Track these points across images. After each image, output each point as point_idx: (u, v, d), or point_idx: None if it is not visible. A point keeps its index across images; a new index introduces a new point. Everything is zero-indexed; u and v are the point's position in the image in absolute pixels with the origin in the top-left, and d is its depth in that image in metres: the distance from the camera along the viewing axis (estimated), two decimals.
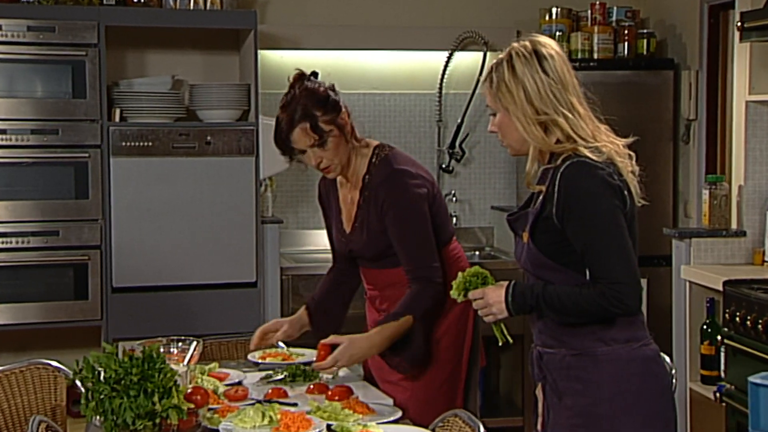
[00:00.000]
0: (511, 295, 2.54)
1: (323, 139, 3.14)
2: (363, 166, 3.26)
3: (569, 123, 2.50)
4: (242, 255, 4.87)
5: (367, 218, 3.24)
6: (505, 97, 2.53)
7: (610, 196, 2.44)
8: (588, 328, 2.51)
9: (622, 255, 2.43)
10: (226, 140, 4.83)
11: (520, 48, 2.55)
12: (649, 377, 2.51)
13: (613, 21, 5.46)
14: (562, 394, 2.56)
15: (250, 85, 4.95)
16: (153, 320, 4.78)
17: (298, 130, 3.14)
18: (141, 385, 2.55)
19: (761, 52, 4.30)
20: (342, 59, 5.60)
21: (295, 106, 3.16)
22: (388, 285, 3.30)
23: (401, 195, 3.17)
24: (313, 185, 5.50)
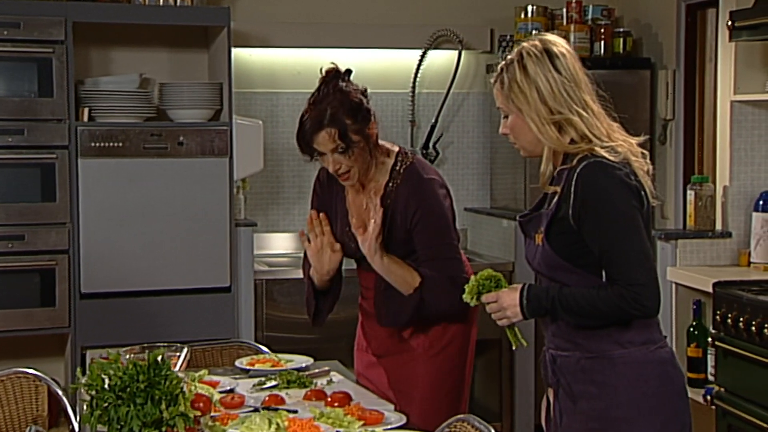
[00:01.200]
0: (526, 297, 2.58)
1: (349, 149, 3.12)
2: (384, 173, 3.25)
3: (584, 121, 2.55)
4: (216, 259, 4.87)
5: (387, 227, 3.21)
6: (518, 97, 2.58)
7: (628, 196, 2.50)
8: (604, 330, 2.55)
9: (641, 256, 2.48)
10: (199, 141, 4.82)
11: (531, 47, 2.59)
12: (666, 380, 2.56)
13: (589, 19, 5.55)
14: (577, 397, 2.61)
15: (222, 84, 4.95)
16: (123, 327, 4.75)
17: (324, 134, 3.12)
18: (148, 393, 2.55)
19: (746, 51, 4.41)
20: (313, 58, 5.60)
21: (325, 107, 3.13)
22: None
23: (433, 207, 3.19)
24: (283, 187, 5.58)
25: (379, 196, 3.26)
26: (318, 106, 3.14)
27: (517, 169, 5.44)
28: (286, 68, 5.60)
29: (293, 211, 5.63)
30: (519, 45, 2.66)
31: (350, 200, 3.35)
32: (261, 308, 5.03)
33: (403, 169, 3.24)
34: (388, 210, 3.23)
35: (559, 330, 2.63)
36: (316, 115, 3.13)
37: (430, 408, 3.28)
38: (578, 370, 2.60)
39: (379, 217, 3.13)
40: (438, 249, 3.20)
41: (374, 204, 3.18)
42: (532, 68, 2.57)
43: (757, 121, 4.54)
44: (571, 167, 2.55)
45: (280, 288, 5.07)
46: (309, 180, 5.58)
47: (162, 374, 2.59)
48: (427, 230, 3.19)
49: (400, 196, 3.21)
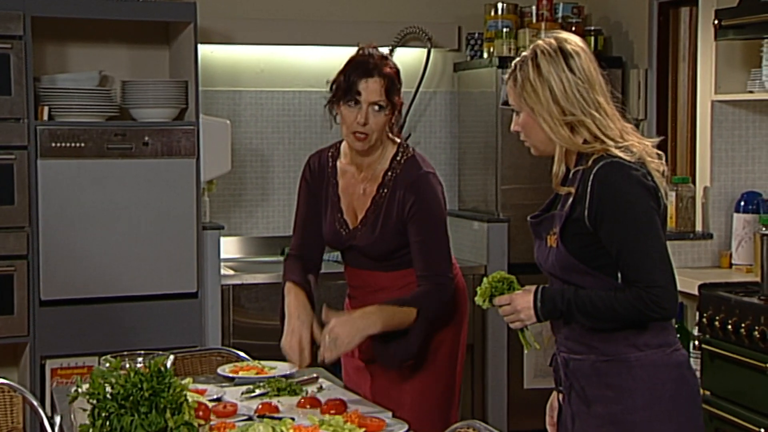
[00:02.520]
0: (540, 300, 2.62)
1: (386, 106, 3.23)
2: (384, 161, 3.33)
3: (596, 123, 2.60)
4: (182, 264, 4.85)
5: (383, 215, 3.30)
6: (530, 96, 2.62)
7: (645, 197, 2.55)
8: (620, 333, 2.60)
9: (660, 258, 2.53)
10: (164, 141, 4.80)
11: (545, 45, 2.64)
12: (682, 383, 2.62)
13: (559, 17, 5.63)
14: (591, 401, 2.66)
15: (188, 81, 4.94)
16: (86, 335, 4.72)
17: (376, 80, 3.23)
18: (152, 401, 2.56)
19: (726, 51, 4.52)
20: (276, 55, 5.63)
21: (376, 61, 3.26)
22: (380, 289, 3.36)
23: (430, 201, 3.26)
24: (246, 189, 5.59)
25: (376, 184, 3.32)
26: (367, 59, 3.27)
27: (487, 170, 5.50)
28: (249, 66, 5.60)
29: (256, 214, 5.63)
30: (536, 40, 2.70)
31: (342, 187, 3.40)
32: (228, 314, 5.03)
33: (403, 160, 3.32)
34: (384, 199, 3.30)
35: (572, 333, 2.68)
36: (366, 63, 3.26)
37: (421, 413, 3.31)
38: (593, 373, 2.65)
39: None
40: (431, 243, 3.26)
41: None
42: (546, 67, 2.61)
43: (738, 121, 4.64)
44: (586, 168, 2.60)
45: (248, 293, 5.07)
46: (272, 182, 5.67)
47: (165, 382, 2.60)
48: (423, 221, 3.25)
49: (398, 186, 3.28)
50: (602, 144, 2.60)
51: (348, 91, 3.26)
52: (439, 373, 3.37)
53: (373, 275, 3.38)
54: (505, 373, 5.37)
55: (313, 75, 5.66)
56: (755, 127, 4.66)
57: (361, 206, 3.36)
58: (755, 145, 4.66)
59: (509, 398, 5.41)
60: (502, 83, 5.35)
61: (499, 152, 5.41)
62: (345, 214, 3.38)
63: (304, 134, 5.68)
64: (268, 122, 5.63)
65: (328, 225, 3.42)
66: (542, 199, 5.31)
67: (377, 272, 3.36)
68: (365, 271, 3.38)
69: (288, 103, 5.65)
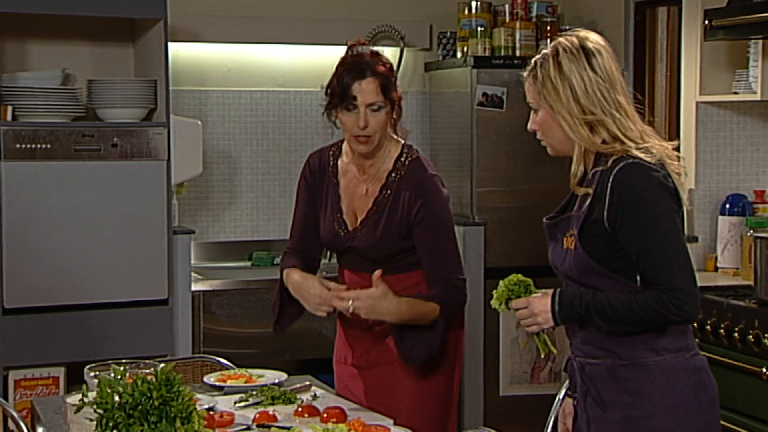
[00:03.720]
0: (558, 303, 2.65)
1: (384, 105, 3.24)
2: (388, 161, 3.35)
3: (617, 123, 2.64)
4: (152, 270, 4.82)
5: (385, 217, 3.31)
6: (551, 94, 2.66)
7: (666, 199, 2.59)
8: (639, 337, 2.64)
9: (681, 260, 2.57)
10: (134, 142, 4.77)
11: (567, 43, 2.68)
12: (700, 388, 2.66)
13: (533, 16, 5.69)
14: (608, 406, 2.69)
15: (157, 81, 4.91)
16: (51, 344, 4.66)
17: (370, 81, 3.22)
18: (162, 410, 2.55)
19: (711, 52, 4.60)
20: (243, 54, 5.62)
21: (367, 60, 3.26)
22: None
23: (438, 204, 3.29)
24: (213, 192, 5.57)
25: (379, 184, 3.35)
26: (359, 60, 3.26)
27: (462, 172, 5.53)
28: (216, 65, 5.58)
29: (223, 218, 5.62)
30: (557, 38, 2.74)
31: (343, 186, 3.42)
32: (198, 322, 5.01)
33: (408, 161, 3.35)
34: (387, 200, 3.32)
35: (589, 337, 2.71)
36: (358, 64, 3.24)
37: (419, 422, 3.33)
38: (610, 377, 2.68)
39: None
40: (441, 247, 3.29)
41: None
42: (567, 65, 2.65)
43: (723, 123, 4.73)
44: (605, 169, 2.63)
45: (219, 300, 5.06)
46: (240, 185, 5.65)
47: (175, 390, 2.59)
48: (431, 226, 3.28)
49: (402, 188, 3.31)
50: (622, 145, 2.64)
51: (343, 96, 3.26)
52: (438, 381, 3.39)
53: (370, 278, 3.38)
54: (482, 379, 5.42)
55: (283, 74, 5.67)
56: (739, 128, 4.75)
57: (362, 207, 3.38)
58: (739, 147, 4.75)
59: (485, 405, 5.46)
60: (477, 83, 5.40)
61: (475, 154, 5.45)
62: (345, 214, 3.40)
63: (273, 135, 5.68)
64: (236, 123, 5.62)
65: (327, 225, 3.43)
66: (519, 202, 5.49)
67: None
68: (363, 274, 3.38)
69: (256, 104, 5.65)
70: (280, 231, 5.68)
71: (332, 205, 3.42)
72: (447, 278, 3.29)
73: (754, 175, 4.79)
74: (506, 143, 5.48)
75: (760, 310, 3.95)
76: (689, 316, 2.59)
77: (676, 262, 2.58)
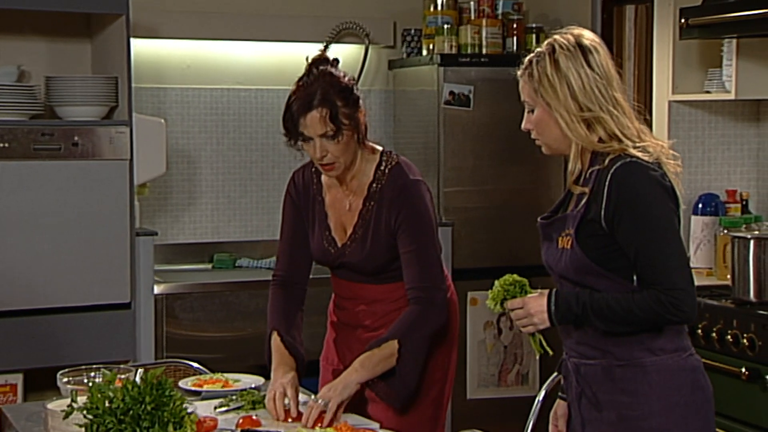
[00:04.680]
0: (554, 303, 2.69)
1: (338, 132, 3.20)
2: (368, 172, 3.35)
3: (614, 121, 2.69)
4: (114, 272, 4.79)
5: (372, 229, 3.32)
6: (548, 92, 2.70)
7: (664, 198, 2.64)
8: (635, 337, 2.69)
9: (679, 260, 2.62)
10: (96, 141, 4.75)
11: (563, 41, 2.72)
12: (697, 388, 2.72)
13: (499, 14, 5.75)
14: (603, 407, 2.74)
15: (118, 78, 4.89)
16: (9, 351, 4.61)
17: (315, 114, 3.18)
18: (154, 415, 2.56)
19: (684, 50, 4.68)
20: (203, 50, 5.62)
21: (315, 89, 3.20)
22: (373, 301, 3.39)
23: (419, 209, 3.28)
24: (171, 193, 5.56)
25: (362, 197, 3.35)
26: (307, 88, 3.21)
27: (428, 172, 5.57)
28: (175, 62, 5.57)
29: (183, 219, 5.61)
30: (552, 36, 2.78)
31: (329, 203, 3.42)
32: (161, 326, 5.01)
33: (388, 169, 3.35)
34: (371, 213, 3.32)
35: (585, 337, 2.75)
36: (305, 95, 3.20)
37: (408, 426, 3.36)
38: (606, 378, 2.73)
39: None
40: (420, 253, 3.27)
41: None
42: (564, 62, 2.69)
43: (695, 122, 4.81)
44: (602, 167, 2.68)
45: (182, 303, 5.05)
46: (200, 185, 5.65)
47: (167, 395, 2.61)
48: (412, 232, 3.27)
49: (385, 197, 3.31)
50: (620, 143, 2.69)
51: (293, 132, 3.25)
52: (430, 382, 3.41)
53: (366, 288, 3.39)
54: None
55: (244, 72, 5.68)
56: (711, 128, 4.84)
57: (349, 222, 3.38)
58: (711, 146, 4.84)
59: (452, 409, 5.50)
60: (444, 81, 5.45)
61: (441, 154, 5.50)
62: (333, 231, 3.40)
63: (234, 134, 5.69)
64: (195, 121, 5.61)
65: (316, 243, 3.43)
66: (486, 202, 5.55)
67: (370, 285, 3.38)
68: (357, 284, 3.40)
69: (216, 102, 5.65)
70: (241, 232, 5.69)
71: (320, 223, 3.42)
72: (424, 288, 3.27)
73: (726, 175, 4.89)
74: (473, 142, 5.54)
75: (737, 309, 4.03)
76: (687, 316, 2.64)
77: (674, 262, 2.63)
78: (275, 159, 5.74)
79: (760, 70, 4.45)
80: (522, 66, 2.81)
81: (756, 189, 4.89)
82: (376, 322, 3.38)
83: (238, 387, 3.51)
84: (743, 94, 4.45)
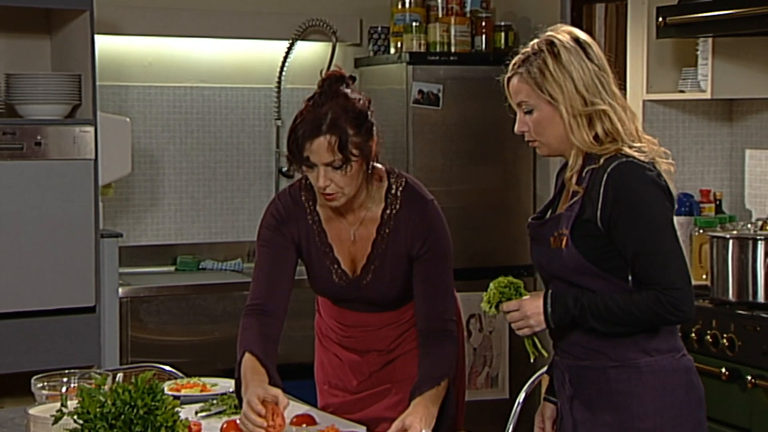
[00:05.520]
0: (551, 305, 2.72)
1: (346, 163, 2.99)
2: (379, 200, 3.20)
3: (616, 114, 2.73)
4: (79, 275, 4.78)
5: (389, 258, 3.20)
6: (552, 87, 2.72)
7: (661, 198, 2.68)
8: (631, 338, 2.73)
9: (677, 259, 2.67)
10: (59, 140, 4.73)
11: (560, 36, 2.75)
12: (690, 389, 2.77)
13: (467, 11, 5.79)
14: (597, 408, 2.78)
15: (81, 75, 4.88)
16: None
17: (322, 141, 2.98)
18: (146, 420, 2.57)
19: (658, 49, 4.76)
20: (166, 47, 5.61)
21: (326, 111, 3.00)
22: (382, 327, 3.32)
23: (441, 234, 3.18)
24: (133, 194, 5.54)
25: (372, 227, 3.20)
26: (317, 109, 3.01)
27: None
28: (137, 59, 5.56)
29: (145, 221, 5.60)
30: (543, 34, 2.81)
31: (332, 236, 3.24)
32: (126, 330, 5.00)
33: (399, 192, 3.21)
34: (387, 241, 3.19)
35: (579, 338, 2.79)
36: (314, 117, 3.00)
37: None
38: (600, 379, 2.77)
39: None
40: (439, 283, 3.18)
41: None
42: (566, 56, 2.72)
43: (668, 121, 4.89)
44: (598, 167, 2.72)
45: (148, 307, 5.05)
46: (163, 185, 5.64)
47: (159, 399, 2.61)
48: (433, 260, 3.17)
49: (401, 222, 3.17)
50: (615, 144, 2.73)
51: (298, 156, 3.04)
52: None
53: (377, 316, 3.30)
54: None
55: (207, 70, 5.68)
56: (685, 127, 4.92)
57: (360, 253, 3.22)
58: (685, 146, 4.92)
59: None
60: (413, 80, 5.49)
61: (410, 153, 5.53)
62: (342, 264, 3.23)
63: (197, 134, 5.68)
64: (158, 120, 5.61)
65: (322, 279, 3.26)
66: (456, 202, 5.59)
67: (381, 313, 3.30)
68: (366, 314, 3.30)
69: (179, 100, 5.64)
70: (204, 234, 5.70)
71: (323, 256, 3.24)
72: (441, 320, 3.16)
73: (700, 174, 4.97)
74: (442, 142, 5.58)
75: (716, 309, 4.11)
76: (686, 316, 2.69)
77: (672, 262, 2.67)
78: (240, 159, 5.75)
79: (735, 69, 4.54)
80: (512, 66, 2.83)
81: (729, 189, 4.97)
82: (390, 345, 3.32)
83: (217, 391, 3.53)
84: (719, 93, 4.53)
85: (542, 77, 2.74)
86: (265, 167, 5.79)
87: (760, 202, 4.84)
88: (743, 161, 4.94)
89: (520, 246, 5.77)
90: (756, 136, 4.89)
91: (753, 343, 3.96)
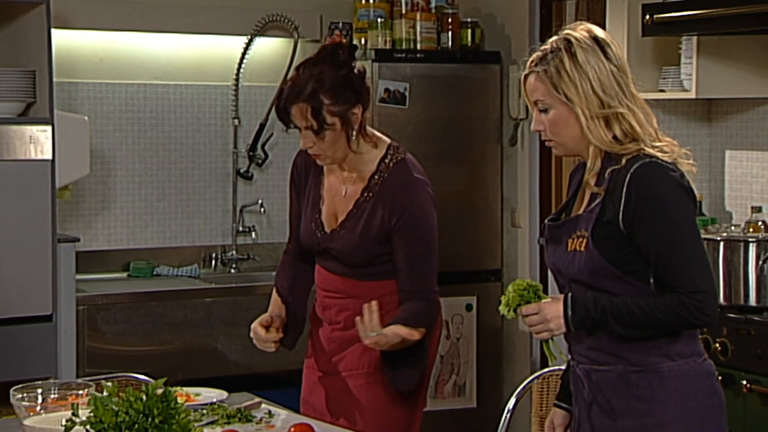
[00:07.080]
0: (571, 308, 2.77)
1: (321, 129, 3.34)
2: (371, 163, 3.47)
3: (634, 116, 2.79)
4: (34, 282, 4.75)
5: (364, 220, 3.43)
6: (569, 87, 2.77)
7: (685, 199, 2.74)
8: (653, 342, 2.78)
9: (701, 262, 2.73)
10: (14, 140, 4.70)
11: (578, 34, 2.80)
12: (712, 393, 2.84)
13: (432, 8, 5.86)
14: (618, 414, 2.83)
15: (36, 71, 4.86)
16: None
17: (298, 108, 3.34)
18: (161, 429, 2.60)
19: (638, 48, 4.86)
20: (118, 42, 5.59)
21: (307, 79, 3.34)
22: (357, 297, 3.47)
23: (421, 210, 3.42)
24: (84, 196, 5.52)
25: (360, 186, 3.47)
26: (301, 77, 3.36)
27: None
28: (87, 54, 5.55)
29: (95, 225, 5.58)
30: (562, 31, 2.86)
31: (327, 186, 3.54)
32: (83, 339, 4.98)
33: (392, 163, 3.47)
34: (367, 203, 3.44)
35: (598, 343, 2.84)
36: (297, 84, 3.35)
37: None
38: (621, 384, 2.82)
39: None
40: (418, 257, 3.43)
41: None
42: (583, 56, 2.77)
43: None
44: (620, 167, 2.78)
45: (105, 314, 5.04)
46: (114, 187, 5.63)
47: (173, 408, 2.64)
48: (411, 234, 3.41)
49: (386, 191, 3.43)
50: (637, 144, 2.80)
51: (285, 117, 3.42)
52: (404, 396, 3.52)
53: (349, 282, 3.49)
54: None
55: (161, 66, 5.67)
56: (665, 127, 4.94)
57: (342, 208, 3.50)
58: None
59: None
60: (379, 78, 5.54)
61: None
62: (323, 215, 3.52)
63: (151, 133, 5.68)
64: (109, 119, 5.59)
65: (305, 225, 3.56)
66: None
67: (354, 280, 3.48)
68: (338, 277, 3.51)
69: (132, 98, 5.63)
70: (159, 239, 5.69)
71: (312, 205, 3.55)
72: (420, 291, 3.43)
73: None
74: (409, 142, 5.57)
75: None
76: (711, 320, 2.76)
77: (696, 264, 2.73)
78: (195, 160, 5.76)
79: (720, 68, 4.64)
80: (529, 64, 2.88)
81: (708, 191, 5.09)
82: (348, 319, 3.48)
83: (202, 401, 3.55)
84: (704, 92, 4.63)
85: (558, 77, 2.79)
86: (221, 168, 5.80)
87: (740, 204, 4.96)
88: (723, 162, 5.07)
89: (487, 249, 5.86)
90: (736, 137, 5.02)
91: (746, 348, 4.06)
